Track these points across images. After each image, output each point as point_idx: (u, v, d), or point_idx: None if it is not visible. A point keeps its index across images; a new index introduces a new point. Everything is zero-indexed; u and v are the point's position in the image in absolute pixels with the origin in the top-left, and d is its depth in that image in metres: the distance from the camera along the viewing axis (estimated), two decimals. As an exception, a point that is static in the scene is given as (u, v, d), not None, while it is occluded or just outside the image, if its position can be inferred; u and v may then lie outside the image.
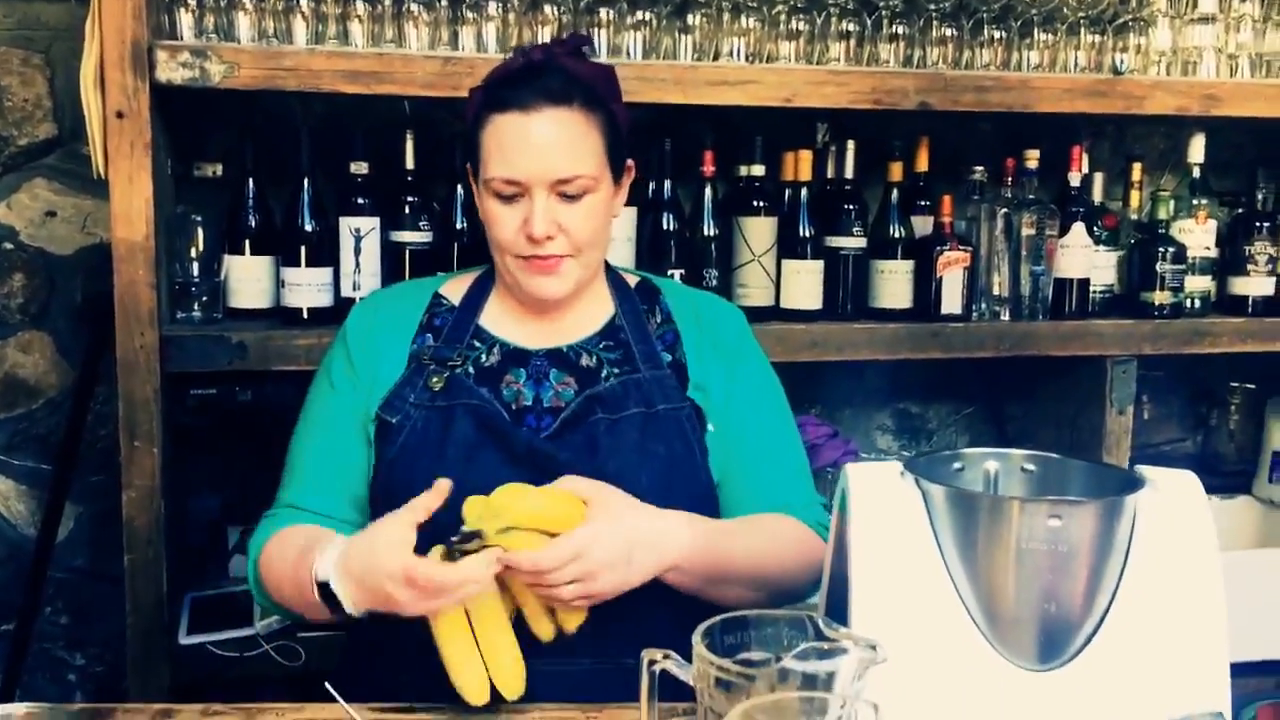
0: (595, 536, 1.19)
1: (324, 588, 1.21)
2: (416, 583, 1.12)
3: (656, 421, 1.38)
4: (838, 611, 1.01)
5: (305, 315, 1.92)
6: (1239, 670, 1.03)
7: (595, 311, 1.47)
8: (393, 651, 1.34)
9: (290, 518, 1.39)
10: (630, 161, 1.45)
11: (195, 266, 1.91)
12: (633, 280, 1.54)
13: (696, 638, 0.92)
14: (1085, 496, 1.04)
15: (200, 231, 1.91)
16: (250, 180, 1.96)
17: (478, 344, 1.43)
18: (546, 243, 1.35)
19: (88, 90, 1.72)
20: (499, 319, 1.46)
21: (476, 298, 1.47)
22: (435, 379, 1.38)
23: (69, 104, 2.08)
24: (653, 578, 1.24)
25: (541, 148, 1.33)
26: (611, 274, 1.51)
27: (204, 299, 1.91)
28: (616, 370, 1.42)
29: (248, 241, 1.95)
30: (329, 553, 1.22)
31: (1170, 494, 1.02)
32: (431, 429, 1.36)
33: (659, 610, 1.25)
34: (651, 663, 0.95)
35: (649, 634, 1.04)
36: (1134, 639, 0.98)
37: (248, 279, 1.95)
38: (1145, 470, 1.04)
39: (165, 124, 1.85)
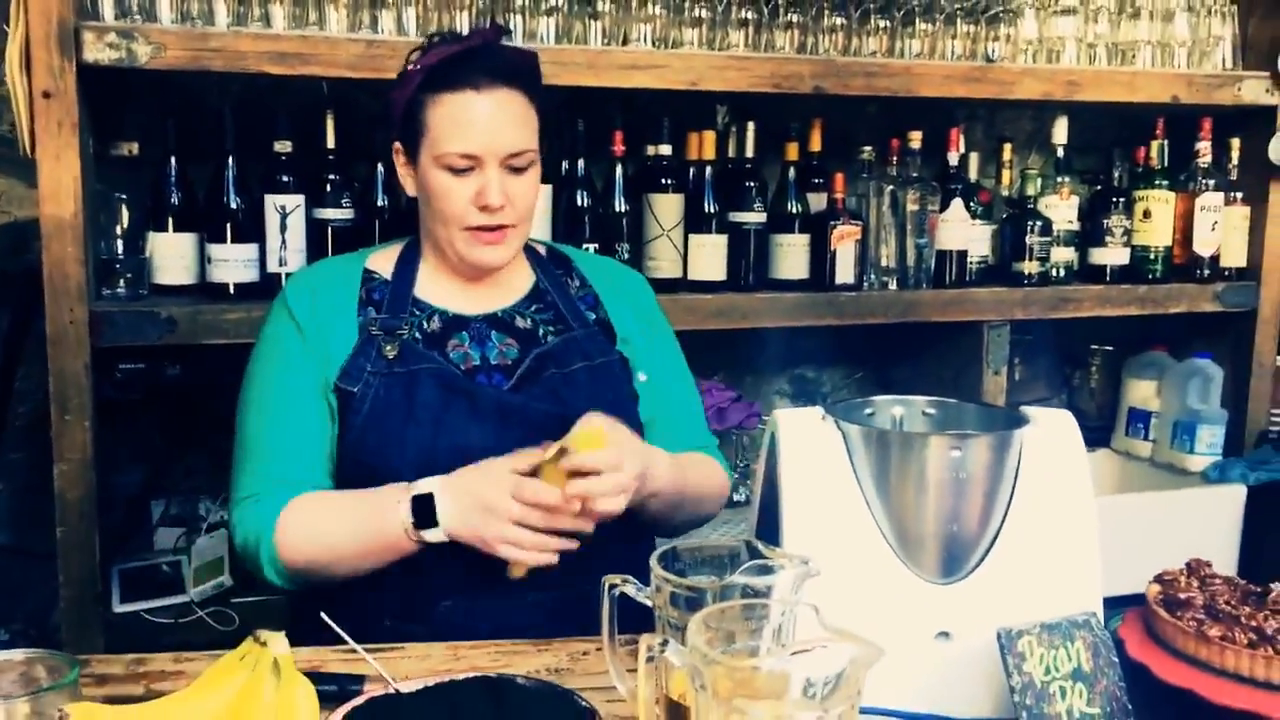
0: (629, 454, 1.33)
1: (420, 502, 1.33)
2: (525, 495, 1.29)
3: (598, 372, 1.52)
4: (768, 537, 1.14)
5: (232, 291, 1.97)
6: (1107, 604, 1.20)
7: (519, 278, 1.58)
8: (344, 599, 1.42)
9: (286, 491, 1.42)
10: (546, 143, 1.55)
11: (120, 244, 1.94)
12: (541, 249, 1.65)
13: (654, 561, 1.04)
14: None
15: (124, 209, 1.94)
16: (172, 159, 1.99)
17: (417, 312, 1.51)
18: (498, 212, 1.44)
19: (13, 70, 1.73)
20: (432, 289, 1.54)
21: (407, 270, 1.54)
22: (388, 347, 1.46)
23: (-19, 83, 2.08)
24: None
25: (494, 123, 1.42)
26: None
27: (129, 276, 1.94)
28: (553, 330, 1.54)
29: (171, 219, 1.99)
30: (422, 483, 1.34)
31: (1050, 429, 1.18)
32: (395, 394, 1.44)
33: (614, 548, 1.36)
34: (612, 586, 1.07)
35: (610, 569, 1.15)
36: (1022, 553, 1.14)
37: (172, 256, 1.99)
38: (1028, 410, 1.20)
39: (86, 104, 1.88)
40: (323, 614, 1.08)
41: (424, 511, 1.33)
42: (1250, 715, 1.02)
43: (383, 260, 1.57)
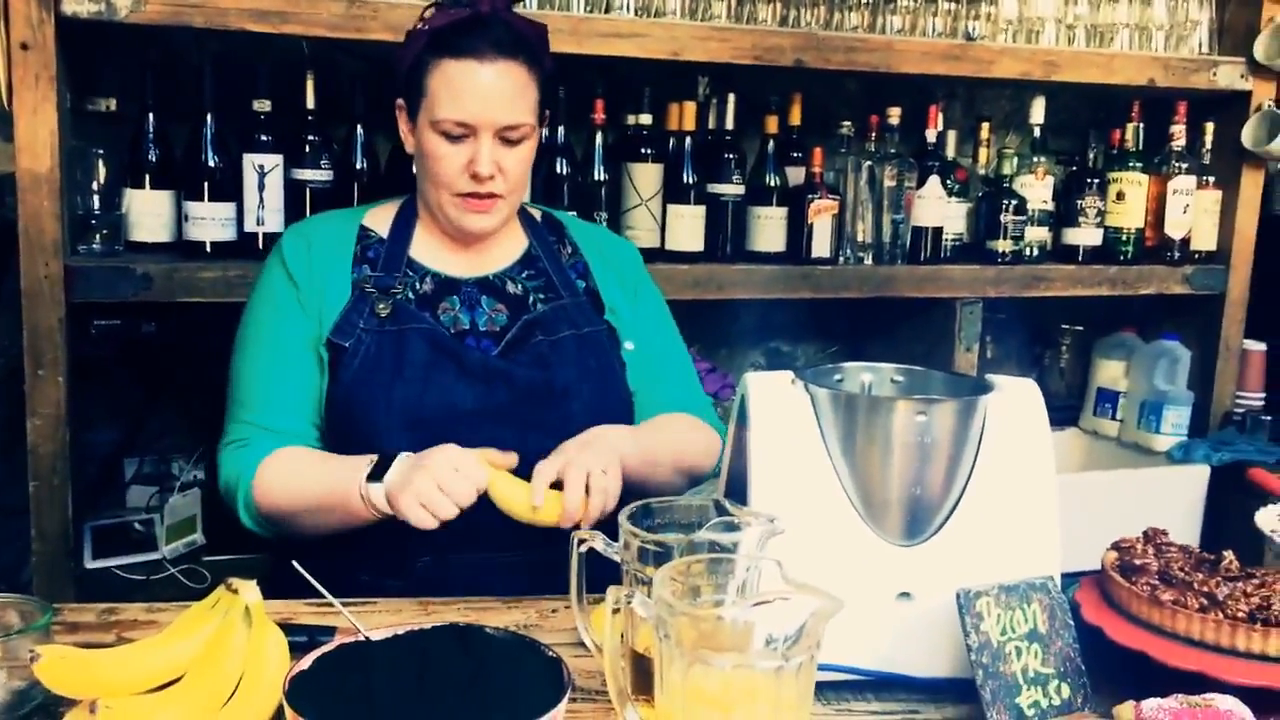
0: (587, 464, 1.34)
1: (383, 460, 1.34)
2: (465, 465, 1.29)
3: (586, 341, 1.54)
4: (737, 498, 1.16)
5: (208, 249, 1.97)
6: (1073, 579, 1.23)
7: (513, 243, 1.60)
8: (317, 554, 1.44)
9: (268, 440, 1.46)
10: (547, 111, 1.57)
11: (96, 200, 1.93)
12: (536, 214, 1.67)
13: (623, 517, 1.06)
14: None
15: (101, 165, 1.93)
16: (151, 115, 1.99)
17: (410, 273, 1.53)
18: (488, 181, 1.46)
19: (-9, 21, 1.72)
20: (427, 251, 1.56)
21: (403, 230, 1.56)
22: (381, 306, 1.48)
23: (-44, 34, 2.06)
24: None
25: (492, 95, 1.44)
26: (519, 208, 1.63)
27: (104, 232, 1.94)
28: (543, 297, 1.56)
29: (148, 176, 1.98)
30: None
31: (1014, 396, 1.20)
32: (385, 352, 1.46)
33: None
34: (580, 541, 1.09)
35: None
36: (984, 517, 1.16)
37: (148, 213, 1.98)
38: (993, 377, 1.22)
39: (63, 57, 1.87)
40: (295, 563, 1.09)
41: (381, 469, 1.34)
42: (1200, 677, 1.05)
43: (380, 218, 1.59)
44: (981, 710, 1.06)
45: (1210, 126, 2.56)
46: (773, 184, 2.27)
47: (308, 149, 2.02)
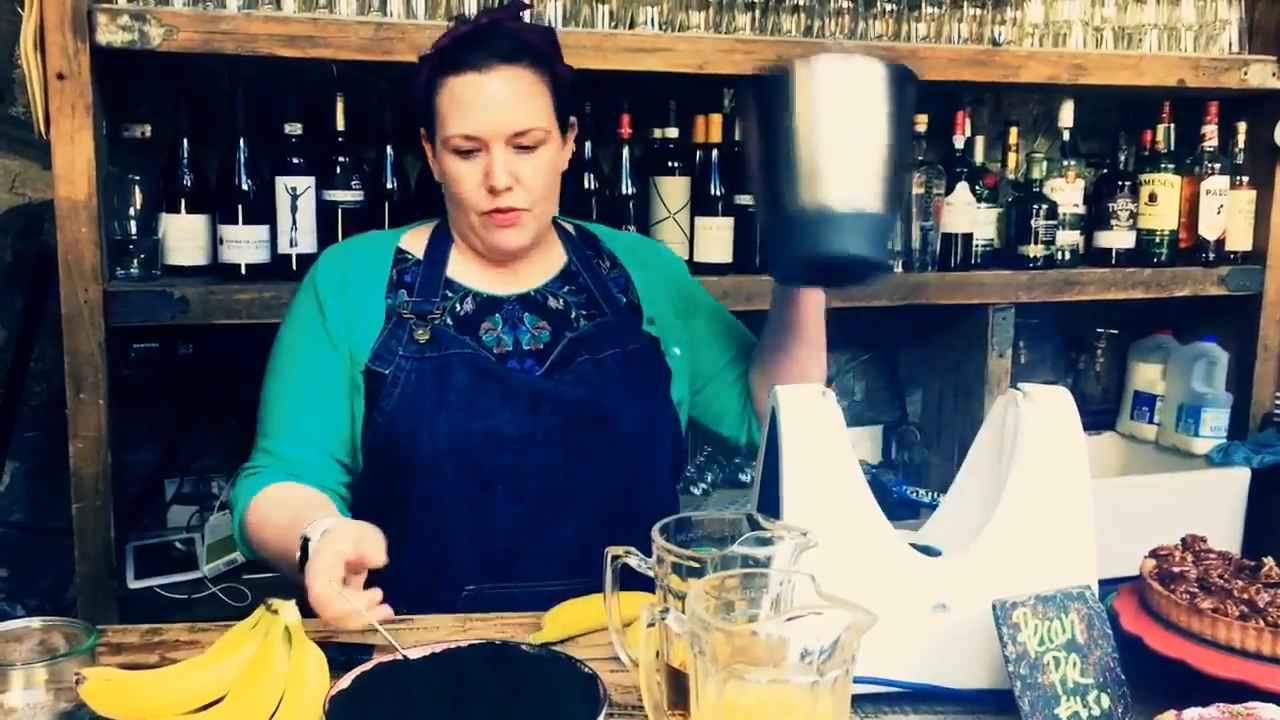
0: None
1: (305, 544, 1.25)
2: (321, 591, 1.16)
3: (631, 359, 1.52)
4: (769, 511, 1.16)
5: (243, 271, 2.00)
6: (1112, 585, 1.22)
7: (551, 257, 1.58)
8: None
9: (275, 472, 1.44)
10: (573, 118, 1.55)
11: (133, 225, 1.96)
12: (570, 228, 1.66)
13: (655, 531, 1.07)
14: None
15: (137, 191, 1.97)
16: (184, 141, 2.02)
17: (450, 294, 1.51)
18: (506, 194, 1.43)
19: (28, 52, 1.76)
20: (464, 270, 1.54)
21: (439, 251, 1.54)
22: (420, 332, 1.46)
23: (-3, 66, 2.11)
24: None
25: (497, 103, 1.42)
26: (554, 222, 1.62)
27: (142, 256, 1.97)
28: (585, 313, 1.54)
29: (183, 200, 2.01)
30: (324, 521, 1.27)
31: (1046, 405, 1.19)
32: (427, 379, 1.44)
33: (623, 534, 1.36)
34: (614, 557, 1.10)
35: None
36: (1019, 527, 1.15)
37: (184, 237, 2.01)
38: (1025, 386, 1.21)
39: (99, 86, 1.90)
40: (377, 624, 1.10)
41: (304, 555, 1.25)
42: (1241, 685, 1.04)
43: (415, 240, 1.57)
44: (1020, 721, 1.05)
45: (1243, 126, 2.53)
46: (801, 194, 2.27)
47: (339, 170, 2.05)
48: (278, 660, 1.04)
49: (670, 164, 2.21)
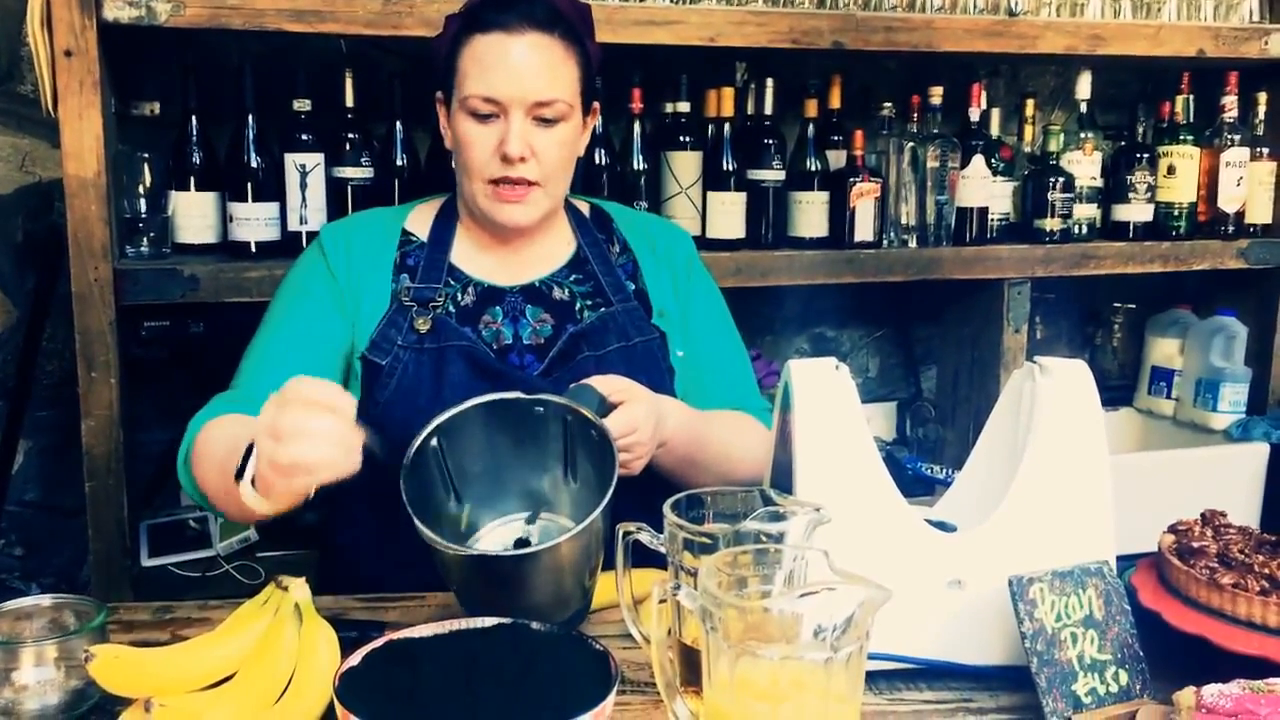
0: (642, 414, 1.28)
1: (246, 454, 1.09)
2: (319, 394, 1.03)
3: (635, 353, 1.48)
4: (781, 487, 1.15)
5: (253, 249, 1.98)
6: (1131, 561, 1.20)
7: (560, 244, 1.54)
8: (368, 549, 1.45)
9: (229, 404, 1.36)
10: (596, 103, 1.51)
11: (143, 203, 1.95)
12: (584, 207, 1.61)
13: (666, 508, 1.06)
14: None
15: (146, 169, 1.96)
16: (193, 118, 2.01)
17: (453, 282, 1.48)
18: (519, 164, 1.39)
19: (35, 29, 1.75)
20: (469, 256, 1.50)
21: (443, 233, 1.50)
22: (420, 320, 1.42)
23: (4, 44, 2.10)
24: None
25: (523, 69, 1.37)
26: (566, 203, 1.57)
27: (152, 234, 1.96)
28: (589, 304, 1.49)
29: (192, 178, 2.00)
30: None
31: (1064, 378, 1.18)
32: (424, 371, 1.41)
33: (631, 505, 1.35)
34: (627, 533, 1.09)
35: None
36: (1035, 502, 1.14)
37: (194, 214, 2.00)
38: (1042, 360, 1.20)
39: (107, 63, 1.89)
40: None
41: (245, 462, 1.09)
42: (1261, 661, 1.03)
43: (421, 219, 1.53)
44: (1037, 698, 1.04)
45: (1263, 97, 2.49)
46: (813, 168, 2.25)
47: (348, 147, 2.03)
48: (288, 637, 1.03)
49: (682, 139, 2.19)
